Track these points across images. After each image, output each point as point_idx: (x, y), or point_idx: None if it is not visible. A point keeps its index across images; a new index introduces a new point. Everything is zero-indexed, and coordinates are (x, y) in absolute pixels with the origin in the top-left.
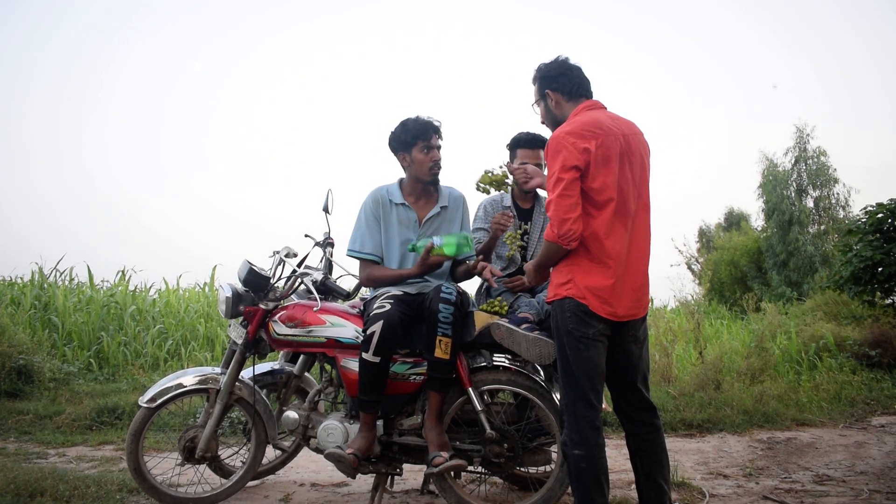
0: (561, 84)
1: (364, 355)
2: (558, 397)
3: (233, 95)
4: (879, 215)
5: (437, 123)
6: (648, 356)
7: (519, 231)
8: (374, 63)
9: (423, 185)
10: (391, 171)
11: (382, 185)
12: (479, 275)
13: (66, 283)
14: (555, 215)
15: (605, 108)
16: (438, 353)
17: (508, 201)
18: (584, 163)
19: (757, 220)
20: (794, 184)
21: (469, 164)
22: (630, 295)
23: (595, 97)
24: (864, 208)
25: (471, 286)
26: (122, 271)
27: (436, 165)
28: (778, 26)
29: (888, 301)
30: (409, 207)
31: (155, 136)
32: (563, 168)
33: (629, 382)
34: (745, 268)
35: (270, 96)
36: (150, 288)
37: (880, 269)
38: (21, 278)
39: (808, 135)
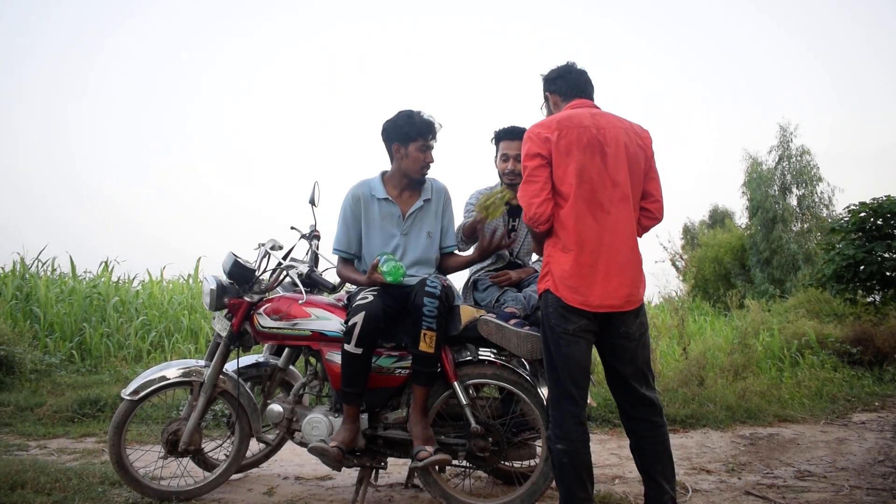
0: (558, 86)
1: (346, 346)
2: (544, 392)
3: (219, 86)
4: (862, 214)
5: (438, 126)
6: (648, 352)
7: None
8: (360, 53)
9: (409, 179)
10: (377, 163)
11: (364, 180)
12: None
13: (49, 273)
14: (522, 200)
15: (595, 108)
16: (423, 346)
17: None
18: (547, 151)
19: (741, 218)
20: (778, 182)
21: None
22: (602, 286)
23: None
24: (847, 207)
25: (458, 280)
26: (106, 262)
27: (427, 167)
28: (763, 23)
29: (869, 299)
30: (391, 202)
31: (141, 127)
32: (527, 156)
33: (622, 378)
34: (728, 265)
35: (257, 87)
36: (134, 279)
37: (862, 267)
38: (2, 268)
39: (791, 133)
